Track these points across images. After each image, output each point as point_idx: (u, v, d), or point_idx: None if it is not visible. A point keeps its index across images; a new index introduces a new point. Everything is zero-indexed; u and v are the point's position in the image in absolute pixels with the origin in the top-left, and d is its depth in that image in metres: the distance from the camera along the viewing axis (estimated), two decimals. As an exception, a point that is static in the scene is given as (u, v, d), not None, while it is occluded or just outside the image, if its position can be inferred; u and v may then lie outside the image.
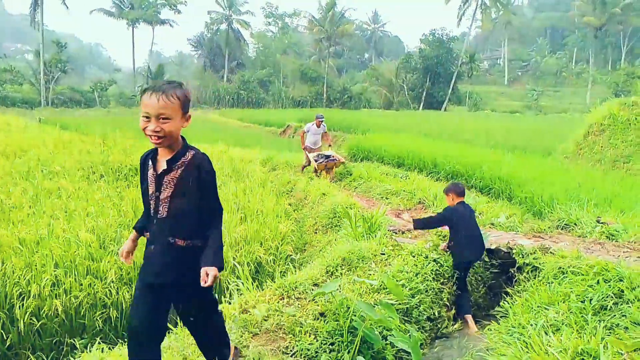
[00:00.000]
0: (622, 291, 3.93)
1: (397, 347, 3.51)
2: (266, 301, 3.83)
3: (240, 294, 4.19)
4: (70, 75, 60.38)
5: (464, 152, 11.64)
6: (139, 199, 8.56)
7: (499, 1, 56.13)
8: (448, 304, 4.95)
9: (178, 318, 2.84)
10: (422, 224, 5.57)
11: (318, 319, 3.59)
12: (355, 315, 3.41)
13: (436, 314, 4.66)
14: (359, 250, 5.03)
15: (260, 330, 3.47)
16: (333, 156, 11.35)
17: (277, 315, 3.61)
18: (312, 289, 4.09)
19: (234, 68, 65.10)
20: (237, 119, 36.17)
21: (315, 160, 11.13)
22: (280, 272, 6.07)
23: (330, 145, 12.17)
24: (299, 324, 3.50)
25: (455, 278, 5.20)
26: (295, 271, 4.77)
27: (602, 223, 6.14)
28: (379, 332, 3.55)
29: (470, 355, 3.99)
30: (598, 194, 7.52)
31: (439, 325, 4.73)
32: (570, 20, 67.83)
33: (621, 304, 3.84)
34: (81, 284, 5.39)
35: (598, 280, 4.13)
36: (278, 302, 3.82)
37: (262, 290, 4.17)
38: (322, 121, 11.70)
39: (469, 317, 4.92)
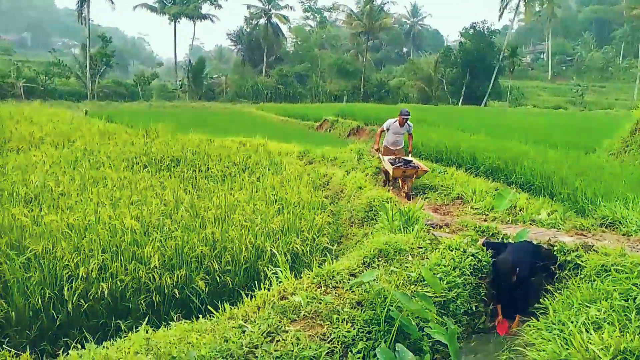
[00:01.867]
0: (669, 290, 3.82)
1: (433, 338, 3.53)
2: (304, 289, 3.91)
3: (279, 282, 4.29)
4: (115, 69, 62.32)
5: (504, 147, 11.39)
6: (180, 188, 8.83)
7: (543, -7, 54.50)
8: (486, 299, 4.91)
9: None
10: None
11: (355, 307, 3.65)
12: (392, 306, 3.45)
13: (473, 308, 4.64)
14: (396, 243, 5.05)
15: (298, 317, 3.55)
16: (414, 162, 9.09)
17: (315, 302, 3.69)
18: (350, 279, 4.15)
19: (272, 62, 65.60)
20: (274, 113, 36.49)
21: (392, 164, 8.86)
22: (318, 263, 6.17)
23: (410, 153, 9.94)
24: (337, 311, 3.56)
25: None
26: (333, 261, 4.84)
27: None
28: (416, 324, 3.58)
29: (508, 350, 3.96)
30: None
31: (476, 320, 4.71)
32: (618, 13, 65.08)
33: (667, 304, 3.73)
34: (126, 269, 5.62)
35: (643, 279, 4.02)
36: (316, 290, 3.90)
37: (300, 278, 4.25)
38: (407, 119, 9.56)
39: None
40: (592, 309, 3.88)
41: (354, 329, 3.39)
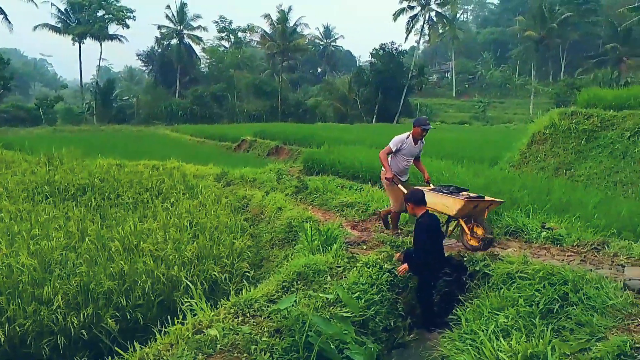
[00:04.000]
0: (567, 294, 4.10)
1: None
2: (220, 320, 3.76)
3: (194, 314, 4.10)
4: (15, 92, 57.86)
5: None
6: (86, 218, 8.27)
7: (444, 17, 58.22)
8: (403, 313, 5.01)
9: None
10: (418, 253, 5.24)
11: (274, 335, 3.56)
12: (311, 330, 3.40)
13: (392, 324, 4.71)
14: (315, 264, 5.04)
15: (214, 351, 3.40)
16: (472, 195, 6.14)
17: (232, 334, 3.55)
18: (268, 306, 4.05)
19: (186, 83, 64.21)
20: (190, 134, 35.61)
21: (444, 193, 6.06)
22: (236, 289, 6.00)
23: (429, 182, 7.00)
24: (255, 342, 3.46)
25: (413, 288, 5.27)
26: (251, 288, 4.72)
27: (547, 229, 6.39)
28: (336, 346, 3.56)
29: (425, 363, 4.05)
30: (542, 200, 7.84)
31: (395, 336, 4.78)
32: (513, 35, 71.05)
33: (566, 307, 4.00)
34: (25, 311, 5.13)
35: (544, 284, 4.30)
36: (233, 320, 3.77)
37: (217, 309, 4.09)
38: (427, 131, 6.92)
39: None
40: (501, 317, 4.08)
41: (273, 358, 3.31)
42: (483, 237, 5.77)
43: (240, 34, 72.44)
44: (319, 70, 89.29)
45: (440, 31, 60.51)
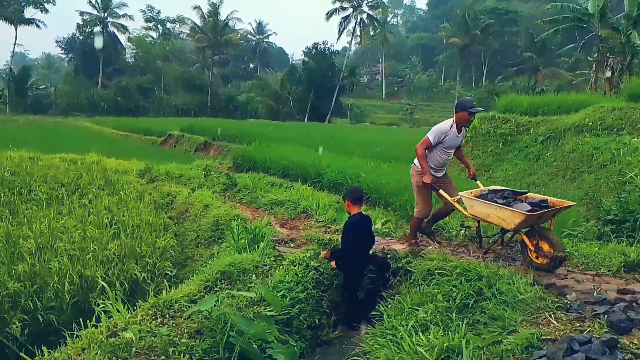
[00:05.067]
0: (482, 289, 4.30)
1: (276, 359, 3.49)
2: (138, 322, 3.60)
3: (110, 317, 3.89)
4: None
5: (345, 163, 12.04)
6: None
7: (375, 20, 59.60)
8: (328, 311, 5.05)
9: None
10: (343, 253, 5.32)
11: (194, 337, 3.45)
12: (232, 330, 3.33)
13: (316, 321, 4.73)
14: (240, 263, 4.96)
15: (130, 354, 3.25)
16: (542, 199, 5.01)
17: (150, 336, 3.41)
18: (189, 306, 3.93)
19: (110, 73, 61.13)
20: (113, 127, 33.95)
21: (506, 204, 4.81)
22: (157, 290, 5.78)
23: (475, 179, 5.99)
24: (174, 344, 3.33)
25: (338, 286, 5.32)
26: (172, 288, 4.55)
27: (465, 227, 6.70)
28: (258, 346, 3.51)
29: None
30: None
31: (320, 333, 4.81)
32: (440, 41, 74.10)
33: (481, 301, 4.20)
34: None
35: (461, 280, 4.49)
36: (151, 322, 3.61)
37: (134, 311, 3.91)
38: (475, 115, 5.61)
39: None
40: (421, 312, 4.22)
41: (192, 360, 3.21)
42: (552, 256, 4.55)
43: (169, 25, 70.14)
44: (251, 66, 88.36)
45: (372, 33, 61.88)
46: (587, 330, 3.24)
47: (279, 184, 11.16)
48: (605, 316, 3.40)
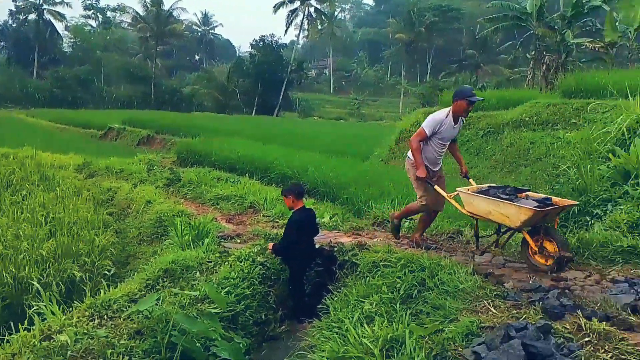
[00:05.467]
0: (425, 280, 4.40)
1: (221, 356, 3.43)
2: (73, 324, 3.43)
3: (43, 319, 3.69)
4: None
5: (293, 157, 12.02)
6: None
7: (323, 14, 59.69)
8: (275, 306, 5.02)
9: None
10: (283, 248, 5.29)
11: (134, 337, 3.33)
12: (175, 329, 3.24)
13: (263, 317, 4.70)
14: (184, 260, 4.84)
15: (65, 358, 3.09)
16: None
17: (87, 338, 3.26)
18: (129, 306, 3.79)
19: (46, 63, 57.98)
20: (49, 119, 32.29)
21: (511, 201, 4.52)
22: (96, 290, 5.55)
23: (467, 177, 5.67)
24: (111, 345, 3.20)
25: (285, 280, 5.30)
26: (111, 288, 4.38)
27: (409, 219, 6.84)
28: (202, 344, 3.44)
29: (294, 354, 4.09)
30: (407, 193, 8.40)
31: (267, 328, 4.78)
32: (386, 36, 75.15)
33: (424, 292, 4.30)
34: None
35: (405, 272, 4.57)
36: (88, 324, 3.46)
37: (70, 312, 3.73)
38: (474, 104, 5.21)
39: None
40: (366, 304, 4.26)
41: (132, 361, 3.10)
42: (558, 256, 4.24)
43: (109, 14, 67.39)
44: (197, 57, 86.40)
45: (319, 27, 61.93)
46: (523, 317, 3.38)
47: (226, 179, 10.99)
48: (540, 303, 3.56)
